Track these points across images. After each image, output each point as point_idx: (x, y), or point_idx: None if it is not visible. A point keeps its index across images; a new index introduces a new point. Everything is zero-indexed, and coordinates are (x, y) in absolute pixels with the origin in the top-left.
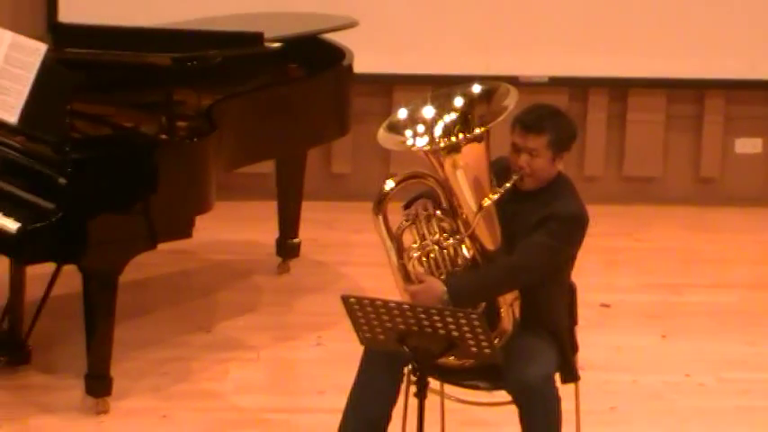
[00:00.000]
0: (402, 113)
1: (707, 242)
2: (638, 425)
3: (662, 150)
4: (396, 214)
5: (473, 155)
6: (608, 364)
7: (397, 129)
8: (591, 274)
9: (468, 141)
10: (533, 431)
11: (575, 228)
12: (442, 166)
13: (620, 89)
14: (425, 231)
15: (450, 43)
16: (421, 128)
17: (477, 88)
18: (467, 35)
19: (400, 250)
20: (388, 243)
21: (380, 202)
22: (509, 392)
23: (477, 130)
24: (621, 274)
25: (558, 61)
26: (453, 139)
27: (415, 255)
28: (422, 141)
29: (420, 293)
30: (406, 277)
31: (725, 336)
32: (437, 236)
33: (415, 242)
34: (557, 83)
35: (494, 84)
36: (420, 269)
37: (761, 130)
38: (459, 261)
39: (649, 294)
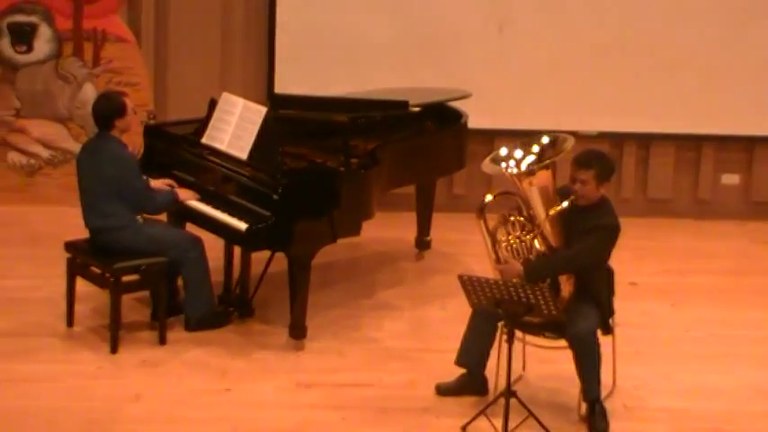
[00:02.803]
0: (503, 151)
1: (703, 243)
2: (654, 363)
3: (672, 181)
4: (491, 220)
5: (543, 178)
6: (634, 323)
7: (497, 161)
8: (624, 262)
9: (540, 168)
10: (583, 367)
11: (611, 235)
12: (522, 186)
13: (644, 140)
14: (511, 229)
15: (531, 108)
16: (512, 162)
17: (545, 139)
18: (543, 103)
19: (494, 242)
20: (486, 236)
21: (482, 209)
22: (566, 341)
23: (546, 161)
24: (645, 263)
25: (604, 121)
26: (531, 167)
27: (504, 244)
28: (510, 169)
29: (505, 270)
30: (497, 260)
31: (714, 305)
32: (519, 232)
33: (504, 236)
34: (603, 136)
35: (556, 135)
36: (506, 254)
37: (738, 169)
38: (533, 251)
39: (663, 277)
